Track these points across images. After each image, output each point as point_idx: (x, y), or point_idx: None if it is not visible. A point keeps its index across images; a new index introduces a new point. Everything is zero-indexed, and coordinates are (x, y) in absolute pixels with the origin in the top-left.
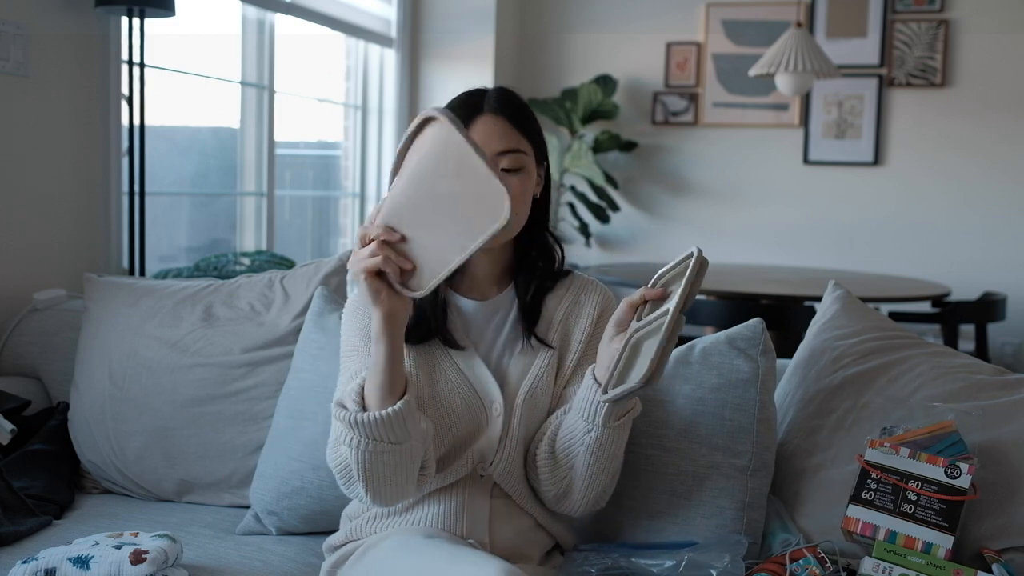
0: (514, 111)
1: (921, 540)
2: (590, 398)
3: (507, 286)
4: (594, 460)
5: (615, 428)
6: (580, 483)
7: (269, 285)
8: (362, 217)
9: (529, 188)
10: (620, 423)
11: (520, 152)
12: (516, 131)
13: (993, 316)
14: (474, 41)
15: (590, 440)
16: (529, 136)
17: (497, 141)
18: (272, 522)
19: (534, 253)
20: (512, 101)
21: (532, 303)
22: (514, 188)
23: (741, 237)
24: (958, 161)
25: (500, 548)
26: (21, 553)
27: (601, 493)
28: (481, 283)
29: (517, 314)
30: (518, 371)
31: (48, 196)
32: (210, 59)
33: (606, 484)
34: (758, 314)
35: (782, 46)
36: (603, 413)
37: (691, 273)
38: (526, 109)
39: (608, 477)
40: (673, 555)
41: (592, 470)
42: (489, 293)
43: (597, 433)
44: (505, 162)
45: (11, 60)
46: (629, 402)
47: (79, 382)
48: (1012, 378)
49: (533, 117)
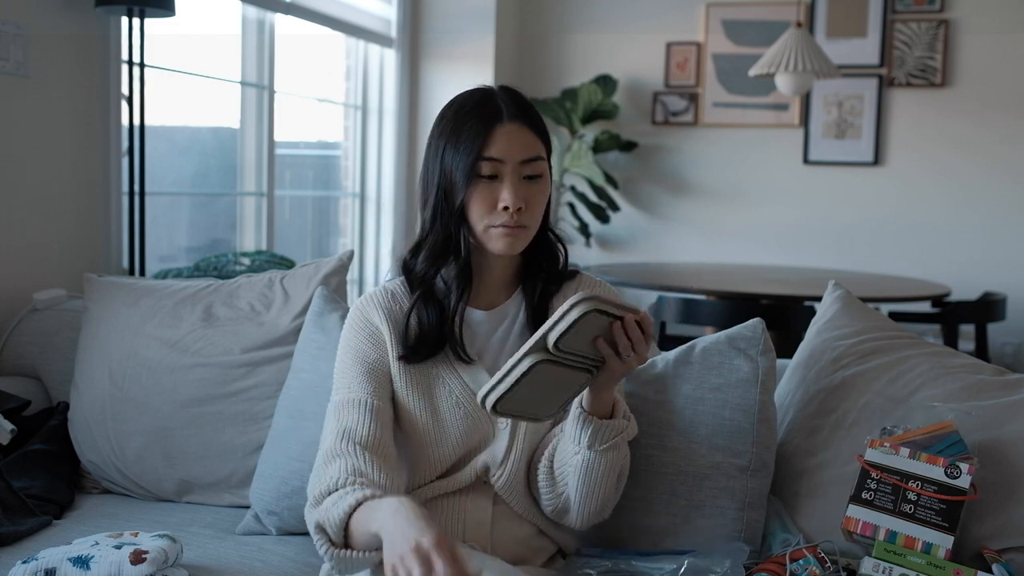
0: (531, 115)
1: (921, 540)
2: (578, 419)
3: (514, 291)
4: (583, 482)
5: (602, 452)
6: (575, 502)
7: (269, 285)
8: (362, 217)
9: (547, 193)
10: (608, 446)
11: (541, 159)
12: (535, 137)
13: (993, 316)
14: (474, 41)
15: (578, 462)
16: (544, 141)
17: (520, 149)
18: (272, 522)
19: (539, 255)
20: (526, 104)
21: (538, 307)
22: (536, 196)
23: (741, 237)
24: (958, 161)
25: (502, 553)
26: (21, 553)
27: (600, 508)
28: (491, 290)
29: (524, 320)
30: None
31: (48, 196)
32: (210, 59)
33: (604, 501)
34: (758, 314)
35: (782, 46)
36: (587, 436)
37: (566, 316)
38: (537, 111)
39: (603, 496)
40: (674, 560)
41: (584, 490)
42: (497, 300)
43: (584, 456)
44: (528, 170)
45: (11, 60)
46: (618, 425)
47: (79, 382)
48: (1012, 378)
49: (542, 118)
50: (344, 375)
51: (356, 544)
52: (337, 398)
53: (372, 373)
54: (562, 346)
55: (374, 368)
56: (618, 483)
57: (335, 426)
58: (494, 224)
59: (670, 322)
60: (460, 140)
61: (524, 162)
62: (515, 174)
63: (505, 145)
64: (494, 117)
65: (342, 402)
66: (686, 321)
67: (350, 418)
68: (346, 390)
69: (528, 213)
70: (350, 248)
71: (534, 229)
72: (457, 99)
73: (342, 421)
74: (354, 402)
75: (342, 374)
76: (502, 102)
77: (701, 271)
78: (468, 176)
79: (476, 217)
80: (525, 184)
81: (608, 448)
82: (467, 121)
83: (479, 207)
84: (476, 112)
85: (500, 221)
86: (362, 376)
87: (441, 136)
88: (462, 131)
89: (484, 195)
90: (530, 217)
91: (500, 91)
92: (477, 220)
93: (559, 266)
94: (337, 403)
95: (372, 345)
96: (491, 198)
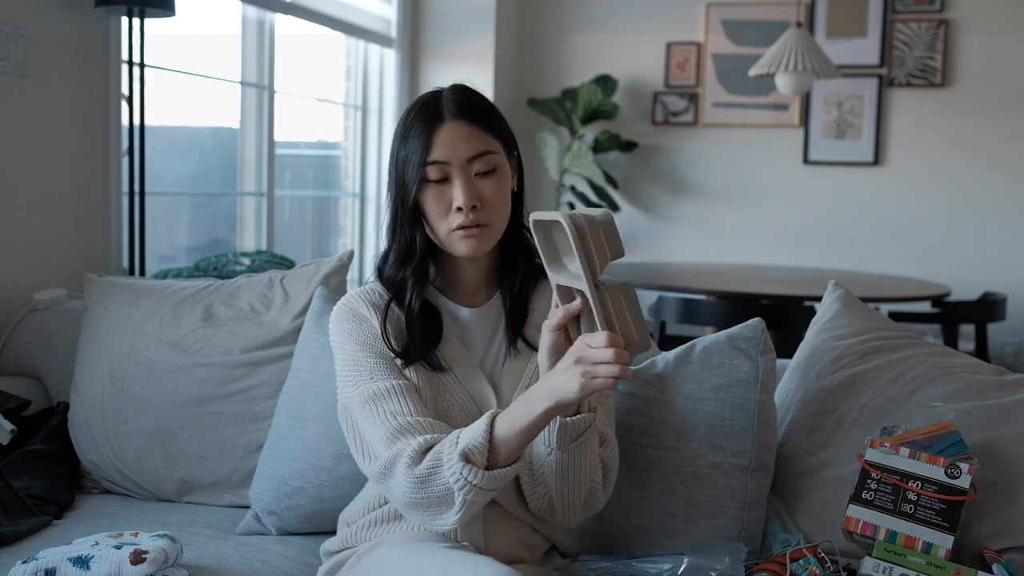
0: (474, 111)
1: (921, 540)
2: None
3: (496, 291)
4: (560, 481)
5: (574, 450)
6: (558, 502)
7: (269, 285)
8: (362, 217)
9: (506, 187)
10: (578, 443)
11: (491, 153)
12: (482, 132)
13: (993, 316)
14: (474, 41)
15: (552, 462)
16: (495, 133)
17: (465, 147)
18: (272, 522)
19: (515, 252)
20: (470, 101)
21: (518, 305)
22: (491, 191)
23: (741, 237)
24: (958, 161)
25: (495, 552)
26: (21, 553)
27: (586, 504)
28: (469, 290)
29: (505, 320)
30: (511, 379)
31: (48, 196)
32: (210, 59)
33: (589, 497)
34: (758, 314)
35: (782, 46)
36: (555, 436)
37: (576, 242)
38: (486, 105)
39: (585, 493)
40: (672, 559)
41: (564, 490)
42: (478, 300)
43: (557, 457)
44: (478, 166)
45: (11, 60)
46: (584, 420)
47: (79, 382)
48: (1012, 378)
49: (495, 111)
50: (358, 368)
51: (502, 457)
52: (363, 391)
53: (384, 356)
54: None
55: (383, 353)
56: (605, 479)
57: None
58: (453, 227)
59: (670, 322)
60: (408, 146)
61: (472, 159)
62: (464, 173)
63: (448, 146)
64: (435, 119)
65: (370, 394)
66: (686, 321)
67: (390, 405)
68: (368, 381)
69: (486, 211)
70: (350, 248)
71: (498, 226)
72: (410, 106)
73: (382, 409)
74: (384, 391)
75: (355, 367)
76: (444, 102)
77: (701, 271)
78: (416, 180)
79: (436, 222)
80: (477, 181)
81: (579, 444)
82: (414, 126)
83: (435, 211)
84: (420, 116)
85: (457, 223)
86: (377, 361)
87: (394, 144)
88: (409, 136)
89: (437, 198)
90: (489, 214)
91: (447, 91)
92: (438, 225)
93: (536, 262)
94: (365, 396)
95: (371, 333)
96: (444, 200)
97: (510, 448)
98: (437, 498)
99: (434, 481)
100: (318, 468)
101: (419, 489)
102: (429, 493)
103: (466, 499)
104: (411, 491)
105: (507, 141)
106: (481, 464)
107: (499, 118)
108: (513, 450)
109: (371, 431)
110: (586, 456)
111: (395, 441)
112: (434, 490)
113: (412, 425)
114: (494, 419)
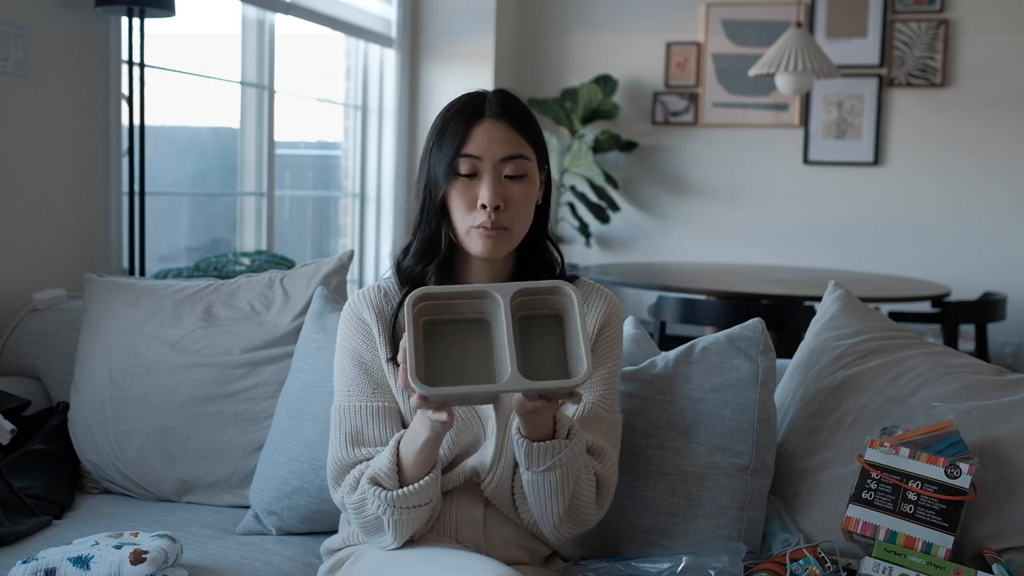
0: (516, 115)
1: (921, 540)
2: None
3: None
4: (533, 500)
5: (541, 473)
6: (536, 517)
7: (269, 285)
8: (362, 217)
9: (532, 195)
10: (546, 467)
11: (523, 157)
12: (519, 136)
13: (993, 316)
14: (474, 41)
15: (525, 481)
16: (531, 140)
17: (500, 147)
18: (272, 522)
19: (534, 262)
20: (513, 104)
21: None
22: (517, 195)
23: (741, 237)
24: (958, 161)
25: (495, 554)
26: (21, 553)
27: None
28: None
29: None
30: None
31: (48, 196)
32: (210, 59)
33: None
34: (758, 314)
35: (782, 46)
36: (523, 457)
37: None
38: (528, 112)
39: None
40: (671, 559)
41: (537, 507)
42: None
43: (527, 476)
44: (509, 168)
45: (11, 60)
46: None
47: (79, 382)
48: (1012, 378)
49: (535, 120)
50: (342, 378)
51: (410, 477)
52: (337, 403)
53: (369, 373)
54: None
55: (371, 368)
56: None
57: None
58: (474, 225)
59: (670, 322)
60: (444, 138)
61: (504, 160)
62: (494, 171)
63: (484, 142)
64: (475, 115)
65: (343, 408)
66: (686, 321)
67: (354, 423)
68: (345, 394)
69: (509, 214)
70: (350, 248)
71: (518, 232)
72: (452, 101)
73: (344, 427)
74: (354, 409)
75: (341, 376)
76: (488, 101)
77: (701, 271)
78: (447, 173)
79: (458, 217)
80: (506, 183)
81: (547, 469)
82: (453, 119)
83: (459, 205)
84: (460, 111)
85: (479, 221)
86: (359, 377)
87: (431, 136)
88: (446, 130)
89: (463, 193)
90: (511, 218)
91: (492, 93)
92: (459, 221)
93: (556, 275)
94: (338, 409)
95: (366, 345)
96: (470, 196)
97: (418, 466)
98: (373, 521)
99: (366, 507)
100: (318, 468)
101: (357, 515)
102: (366, 517)
103: (392, 519)
104: (354, 517)
105: (540, 153)
106: (392, 486)
107: (538, 128)
108: (422, 465)
109: (331, 443)
110: (561, 479)
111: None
112: (367, 515)
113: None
114: (399, 442)
